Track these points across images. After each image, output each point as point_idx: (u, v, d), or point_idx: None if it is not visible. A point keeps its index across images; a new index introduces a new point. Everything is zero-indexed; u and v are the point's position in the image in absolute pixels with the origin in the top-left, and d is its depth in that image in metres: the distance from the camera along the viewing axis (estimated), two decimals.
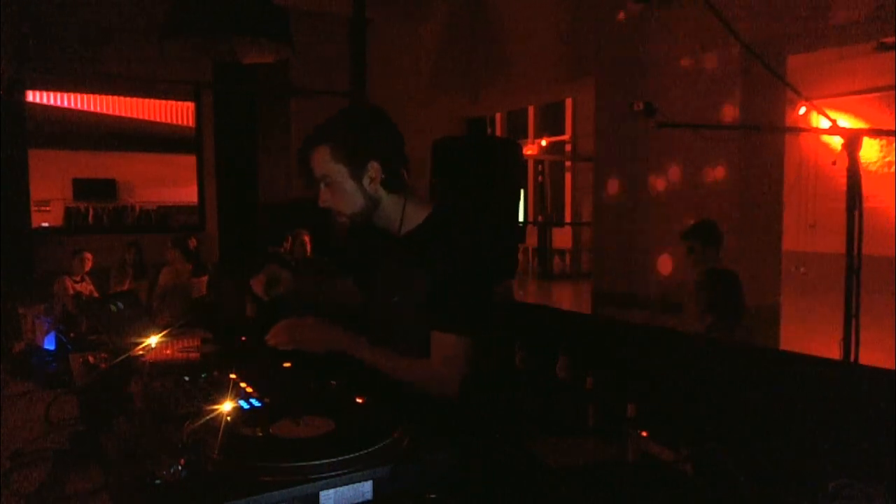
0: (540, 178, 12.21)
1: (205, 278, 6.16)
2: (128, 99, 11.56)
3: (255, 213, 8.23)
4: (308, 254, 6.36)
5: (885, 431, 1.98)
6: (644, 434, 2.09)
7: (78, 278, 5.95)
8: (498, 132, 12.86)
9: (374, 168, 1.59)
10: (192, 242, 6.35)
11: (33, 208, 7.87)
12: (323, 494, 0.99)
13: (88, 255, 6.05)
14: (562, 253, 12.03)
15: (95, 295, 5.87)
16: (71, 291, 5.75)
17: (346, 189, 1.60)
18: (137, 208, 14.10)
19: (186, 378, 1.48)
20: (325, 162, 1.60)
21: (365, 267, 1.84)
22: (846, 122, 8.59)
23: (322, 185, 1.62)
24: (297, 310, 1.77)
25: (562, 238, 12.08)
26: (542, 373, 3.12)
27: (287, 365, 1.63)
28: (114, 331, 1.81)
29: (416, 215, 1.67)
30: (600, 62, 6.05)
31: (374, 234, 1.74)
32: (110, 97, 11.27)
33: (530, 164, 12.49)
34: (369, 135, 1.61)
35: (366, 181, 1.60)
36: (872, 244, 3.58)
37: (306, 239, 6.33)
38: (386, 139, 1.63)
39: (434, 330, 1.58)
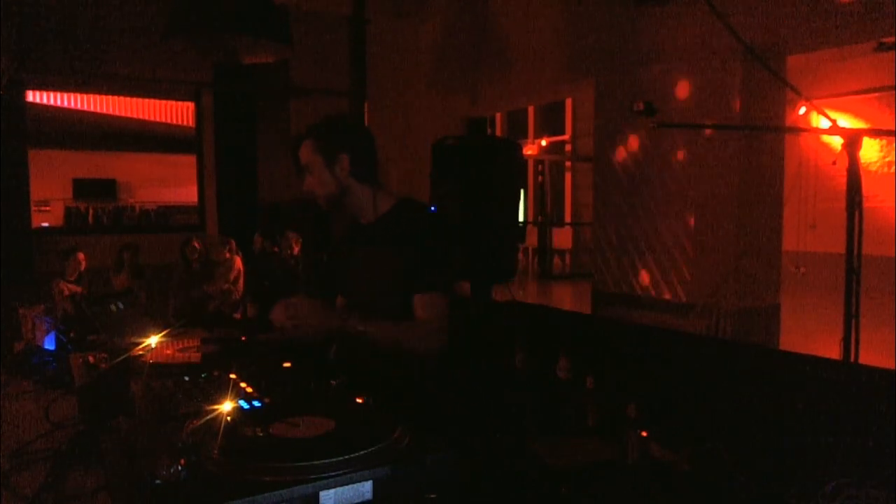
0: (540, 178, 12.18)
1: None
2: (128, 99, 11.55)
3: (255, 213, 8.22)
4: (296, 252, 6.73)
5: (885, 431, 1.98)
6: (644, 434, 2.09)
7: (73, 278, 5.90)
8: (498, 132, 12.84)
9: (344, 160, 1.90)
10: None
11: (33, 208, 7.87)
12: (323, 494, 0.99)
13: (81, 256, 5.97)
14: (562, 253, 12.02)
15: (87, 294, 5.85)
16: (66, 293, 5.71)
17: (322, 176, 1.92)
18: (137, 208, 14.09)
19: (186, 378, 1.48)
20: (307, 153, 1.93)
21: (342, 252, 2.10)
22: (846, 122, 8.58)
23: (306, 173, 1.95)
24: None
25: (562, 238, 12.06)
26: (543, 373, 3.12)
27: (287, 365, 1.63)
28: (114, 331, 1.81)
29: (384, 203, 1.96)
30: (600, 62, 6.05)
31: (348, 221, 2.02)
32: (110, 97, 11.25)
33: (530, 164, 12.47)
34: (342, 133, 1.95)
35: (337, 170, 1.91)
36: (872, 244, 3.58)
37: (294, 240, 6.76)
38: (356, 138, 1.97)
39: (417, 293, 1.84)
